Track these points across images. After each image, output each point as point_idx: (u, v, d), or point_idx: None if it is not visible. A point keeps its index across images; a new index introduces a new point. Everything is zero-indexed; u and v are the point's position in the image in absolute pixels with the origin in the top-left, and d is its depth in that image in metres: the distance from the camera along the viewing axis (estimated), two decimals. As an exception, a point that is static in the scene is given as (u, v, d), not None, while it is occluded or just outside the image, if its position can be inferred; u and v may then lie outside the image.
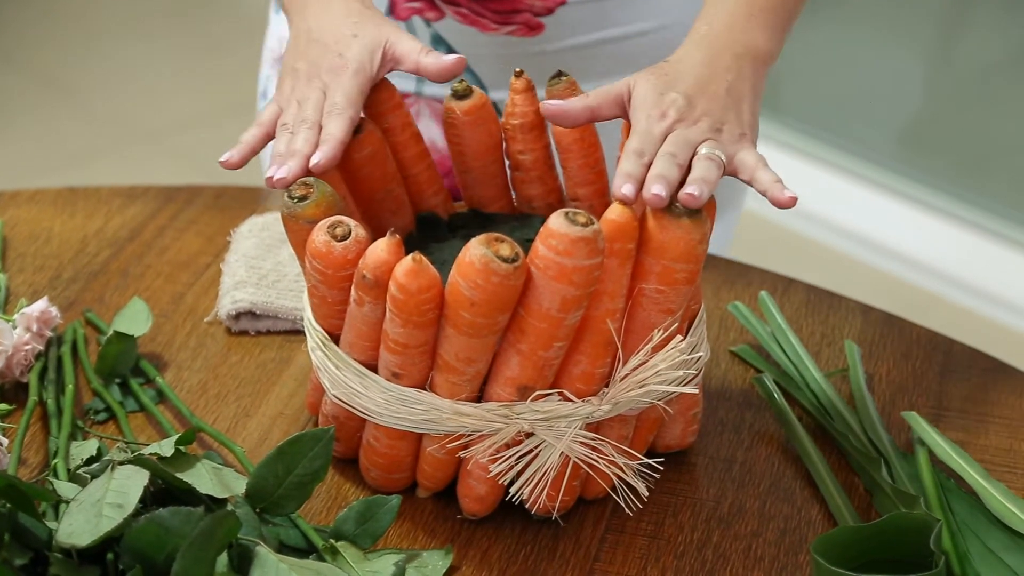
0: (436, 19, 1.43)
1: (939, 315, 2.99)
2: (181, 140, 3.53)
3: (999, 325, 2.99)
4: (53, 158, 3.51)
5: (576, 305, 1.06)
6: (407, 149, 1.26)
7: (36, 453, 1.24)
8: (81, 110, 3.68)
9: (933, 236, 3.13)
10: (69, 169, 3.46)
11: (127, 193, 1.58)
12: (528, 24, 1.42)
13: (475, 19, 1.41)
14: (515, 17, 1.41)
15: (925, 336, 1.38)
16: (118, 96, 3.73)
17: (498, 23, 1.42)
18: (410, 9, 1.43)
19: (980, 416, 1.29)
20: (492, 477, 1.14)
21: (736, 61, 1.16)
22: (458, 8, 1.41)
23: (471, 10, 1.41)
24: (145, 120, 3.62)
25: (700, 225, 1.08)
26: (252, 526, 1.09)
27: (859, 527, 1.08)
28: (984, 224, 3.11)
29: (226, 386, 1.32)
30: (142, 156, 3.50)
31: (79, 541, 1.05)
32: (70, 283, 1.44)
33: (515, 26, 1.42)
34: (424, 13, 1.43)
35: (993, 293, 3.05)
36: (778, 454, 1.25)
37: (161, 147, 3.52)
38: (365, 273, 1.09)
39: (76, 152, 3.52)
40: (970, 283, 3.07)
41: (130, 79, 3.78)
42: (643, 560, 1.15)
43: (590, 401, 1.12)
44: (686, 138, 1.12)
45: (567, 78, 1.24)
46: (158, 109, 3.64)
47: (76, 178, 3.37)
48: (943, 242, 3.12)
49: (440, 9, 1.42)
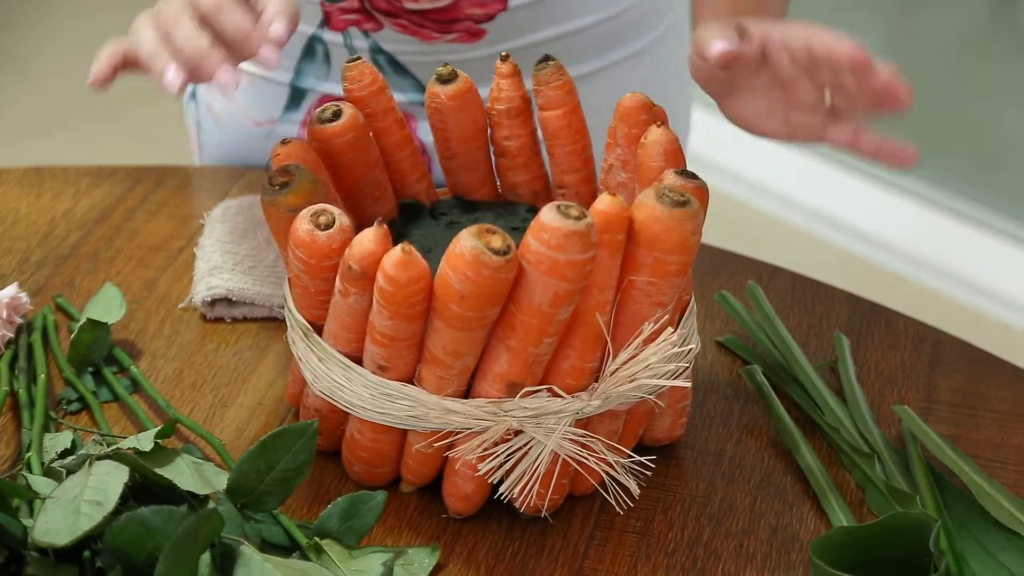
0: (374, 30, 1.40)
1: (913, 299, 2.98)
2: (135, 116, 3.48)
3: (980, 313, 2.98)
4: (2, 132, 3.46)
5: (568, 300, 1.04)
6: (390, 135, 1.23)
7: (7, 445, 1.20)
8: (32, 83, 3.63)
9: (903, 219, 3.11)
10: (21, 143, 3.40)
11: (96, 173, 1.54)
12: (469, 31, 1.39)
13: (415, 29, 1.39)
14: (455, 26, 1.39)
15: (913, 327, 1.36)
16: (70, 70, 3.67)
17: (439, 31, 1.39)
18: (346, 21, 1.40)
19: (970, 410, 1.27)
20: (479, 476, 1.11)
21: None
22: (397, 19, 1.38)
23: (411, 21, 1.38)
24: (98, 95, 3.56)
25: (693, 216, 1.06)
26: (235, 524, 1.06)
27: (856, 527, 1.06)
28: (951, 206, 3.10)
29: (202, 375, 1.29)
30: (96, 133, 3.44)
31: (57, 540, 1.02)
32: (39, 267, 1.40)
33: (456, 34, 1.39)
34: (361, 25, 1.40)
35: (974, 280, 3.04)
36: (768, 448, 1.23)
37: (116, 123, 3.47)
38: (351, 264, 1.06)
39: (28, 127, 3.46)
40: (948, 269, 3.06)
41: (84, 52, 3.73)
42: (633, 558, 1.13)
43: (580, 397, 1.09)
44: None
45: (554, 62, 1.21)
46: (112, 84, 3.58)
47: (29, 153, 3.32)
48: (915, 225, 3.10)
49: (378, 20, 1.39)
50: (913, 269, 3.08)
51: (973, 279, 3.04)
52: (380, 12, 1.38)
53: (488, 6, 1.37)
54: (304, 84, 1.46)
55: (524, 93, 1.23)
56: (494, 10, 1.38)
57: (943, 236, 3.08)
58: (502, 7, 1.38)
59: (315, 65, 1.45)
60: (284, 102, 1.48)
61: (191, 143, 1.63)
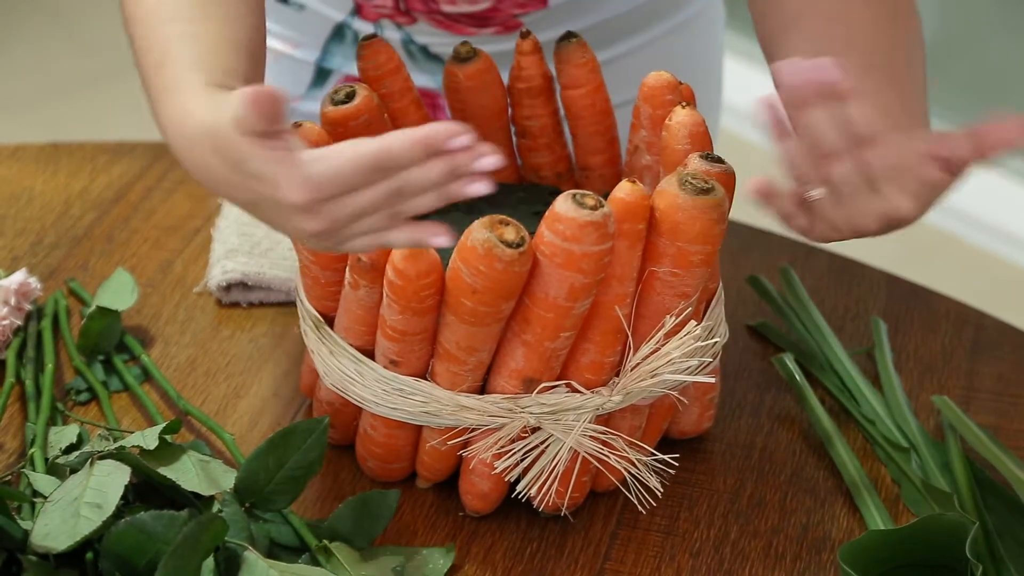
0: (408, 23, 1.35)
1: (955, 256, 2.91)
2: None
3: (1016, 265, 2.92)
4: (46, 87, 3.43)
5: (585, 293, 0.99)
6: (406, 116, 1.18)
7: (14, 438, 1.17)
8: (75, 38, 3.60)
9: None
10: (63, 99, 3.38)
11: (114, 149, 1.50)
12: (505, 25, 1.34)
13: (450, 24, 1.34)
14: (491, 21, 1.34)
15: (955, 310, 1.31)
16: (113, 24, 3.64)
17: (475, 26, 1.34)
18: (379, 13, 1.35)
19: (1014, 398, 1.22)
20: (496, 473, 1.07)
21: None
22: (432, 16, 1.33)
23: (447, 17, 1.33)
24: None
25: (718, 204, 1.01)
26: (240, 526, 1.03)
27: (888, 531, 1.02)
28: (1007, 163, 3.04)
29: (216, 363, 1.25)
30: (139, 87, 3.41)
31: (55, 544, 0.99)
32: (52, 249, 1.37)
33: (492, 28, 1.34)
34: (395, 18, 1.34)
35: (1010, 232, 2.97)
36: (799, 440, 1.18)
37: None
38: (361, 256, 1.01)
39: (70, 82, 3.44)
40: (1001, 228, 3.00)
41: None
42: (657, 559, 1.08)
43: (600, 392, 1.05)
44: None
45: (577, 39, 1.17)
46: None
47: (70, 110, 3.29)
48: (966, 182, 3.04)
49: (411, 15, 1.34)
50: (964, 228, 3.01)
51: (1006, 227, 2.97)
52: (415, 11, 1.33)
53: (527, 7, 1.32)
54: (330, 64, 1.41)
55: (546, 71, 1.18)
56: (535, 8, 1.34)
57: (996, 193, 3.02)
58: (542, 6, 1.33)
59: (343, 47, 1.40)
60: (309, 80, 1.43)
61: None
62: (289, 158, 0.90)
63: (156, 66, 1.03)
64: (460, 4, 1.32)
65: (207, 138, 0.94)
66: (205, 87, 0.98)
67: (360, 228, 0.92)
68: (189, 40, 1.03)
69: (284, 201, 0.91)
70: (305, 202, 0.90)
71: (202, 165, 0.96)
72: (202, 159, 0.95)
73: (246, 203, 0.96)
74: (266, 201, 0.93)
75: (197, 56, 1.01)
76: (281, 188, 0.91)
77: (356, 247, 0.94)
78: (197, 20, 1.04)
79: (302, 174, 0.90)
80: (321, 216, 0.91)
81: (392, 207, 0.91)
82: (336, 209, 0.91)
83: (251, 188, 0.93)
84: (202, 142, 0.95)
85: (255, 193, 0.93)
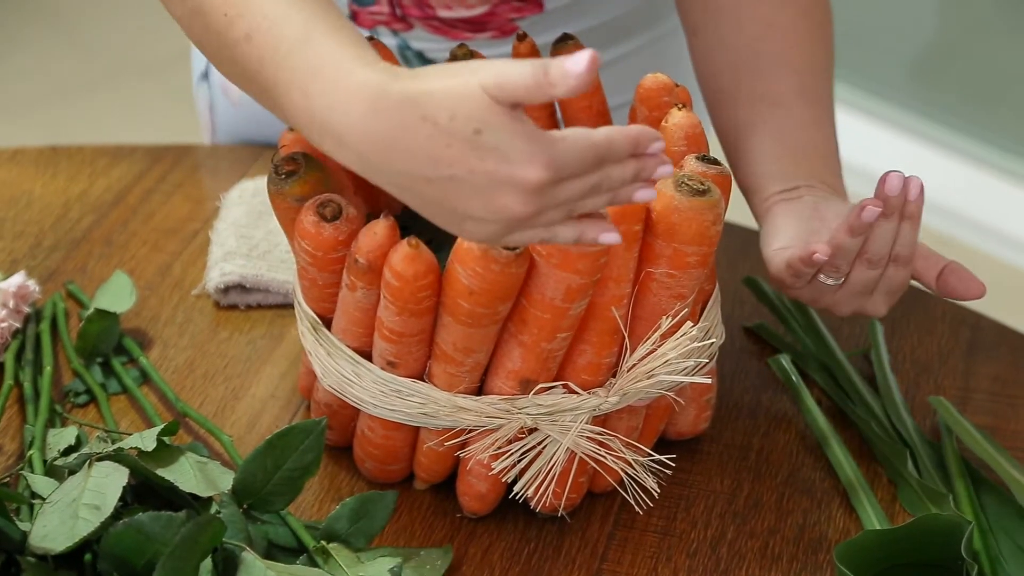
0: (404, 30, 1.35)
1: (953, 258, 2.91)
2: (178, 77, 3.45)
3: (1013, 266, 2.92)
4: (45, 90, 3.43)
5: (581, 294, 0.99)
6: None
7: (12, 440, 1.17)
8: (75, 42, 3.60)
9: (946, 175, 3.05)
10: (62, 101, 3.38)
11: (112, 153, 1.50)
12: (502, 29, 1.34)
13: (447, 30, 1.34)
14: (487, 26, 1.34)
15: (951, 311, 1.31)
16: (113, 29, 3.65)
17: (472, 31, 1.34)
18: (374, 20, 1.35)
19: (1010, 399, 1.22)
20: (493, 474, 1.07)
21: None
22: (428, 21, 1.33)
23: (443, 22, 1.33)
24: (139, 53, 3.54)
25: (713, 205, 1.01)
26: (238, 527, 1.03)
27: (884, 531, 1.02)
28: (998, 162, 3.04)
29: (214, 365, 1.25)
30: (138, 90, 3.42)
31: (53, 545, 0.99)
32: (51, 251, 1.37)
33: (489, 33, 1.34)
34: (391, 24, 1.35)
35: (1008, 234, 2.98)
36: (796, 441, 1.19)
37: (156, 81, 3.44)
38: (358, 257, 1.02)
39: (70, 85, 3.44)
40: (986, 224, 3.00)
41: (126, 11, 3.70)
42: (654, 559, 1.09)
43: (596, 393, 1.05)
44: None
45: (573, 41, 1.17)
46: (152, 42, 3.55)
47: (69, 112, 3.29)
48: (956, 181, 3.04)
49: (408, 22, 1.34)
50: (962, 230, 3.01)
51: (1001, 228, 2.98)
52: (411, 17, 1.33)
53: (524, 10, 1.33)
54: None
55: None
56: (529, 13, 1.34)
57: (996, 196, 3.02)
58: (538, 10, 1.33)
59: None
60: None
61: (202, 126, 1.59)
62: (541, 135, 0.87)
63: (288, 47, 0.96)
64: (456, 9, 1.33)
65: (413, 107, 0.88)
66: (375, 60, 0.93)
67: (555, 217, 0.90)
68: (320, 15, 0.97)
69: (519, 177, 0.86)
70: (542, 180, 0.86)
71: (392, 139, 0.89)
72: (400, 131, 0.88)
73: (440, 181, 0.88)
74: (480, 179, 0.87)
75: (333, 26, 0.96)
76: (522, 164, 0.86)
77: (533, 238, 0.91)
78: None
79: (550, 151, 0.86)
80: (543, 199, 0.87)
81: (587, 199, 0.90)
82: (558, 193, 0.88)
83: (470, 163, 0.87)
84: (403, 111, 0.88)
85: (472, 169, 0.87)
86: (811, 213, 1.13)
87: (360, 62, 0.92)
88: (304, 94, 0.94)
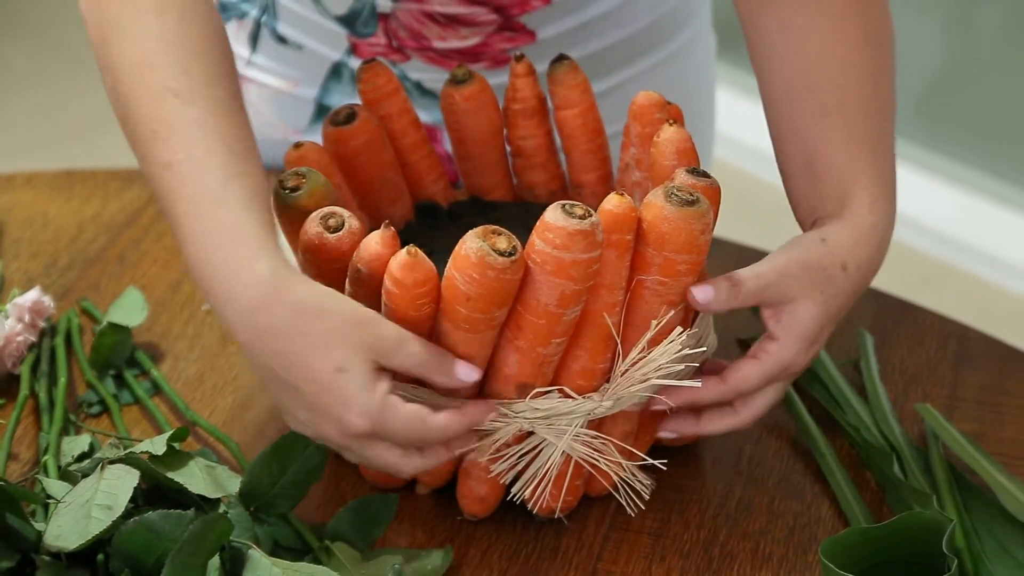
0: (401, 61, 1.40)
1: (952, 286, 2.94)
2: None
3: (1015, 296, 2.95)
4: (60, 128, 3.48)
5: (575, 300, 1.03)
6: (405, 136, 1.23)
7: (28, 448, 1.21)
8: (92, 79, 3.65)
9: (950, 206, 3.08)
10: (78, 137, 3.42)
11: (125, 176, 1.55)
12: (496, 59, 1.39)
13: (443, 61, 1.38)
14: (482, 56, 1.38)
15: (939, 323, 1.34)
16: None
17: (466, 62, 1.39)
18: (373, 51, 1.40)
19: (996, 407, 1.26)
20: (492, 477, 1.11)
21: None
22: (424, 52, 1.38)
23: (439, 54, 1.38)
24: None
25: (702, 215, 1.05)
26: (245, 527, 1.06)
27: (869, 528, 1.05)
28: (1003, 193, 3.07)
29: (223, 377, 1.29)
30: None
31: (67, 544, 1.03)
32: (66, 270, 1.41)
33: (483, 63, 1.39)
34: (388, 55, 1.39)
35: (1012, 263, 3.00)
36: (787, 447, 1.22)
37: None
38: (359, 267, 1.05)
39: (86, 121, 3.49)
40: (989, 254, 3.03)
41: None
42: (648, 560, 1.12)
43: (591, 397, 1.08)
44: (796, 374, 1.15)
45: (569, 61, 1.21)
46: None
47: (84, 148, 3.34)
48: (960, 212, 3.07)
49: (405, 53, 1.39)
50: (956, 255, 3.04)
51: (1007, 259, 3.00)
52: (408, 48, 1.38)
53: (517, 40, 1.37)
54: (330, 101, 1.46)
55: (539, 93, 1.22)
56: (523, 42, 1.38)
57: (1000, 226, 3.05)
58: (530, 40, 1.37)
59: (341, 85, 1.45)
60: (310, 116, 1.48)
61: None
62: (393, 402, 1.01)
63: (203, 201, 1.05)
64: (450, 40, 1.37)
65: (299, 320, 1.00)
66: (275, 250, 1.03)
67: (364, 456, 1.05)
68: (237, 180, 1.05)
69: (345, 420, 1.01)
70: (361, 431, 1.01)
71: (270, 337, 1.01)
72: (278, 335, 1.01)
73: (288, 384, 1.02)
74: (318, 403, 1.01)
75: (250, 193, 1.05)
76: (354, 413, 1.01)
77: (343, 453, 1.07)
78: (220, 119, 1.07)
79: (383, 415, 1.01)
80: (357, 442, 1.04)
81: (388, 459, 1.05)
82: (370, 446, 1.04)
83: (318, 390, 1.01)
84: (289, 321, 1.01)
85: (316, 393, 1.01)
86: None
87: (262, 250, 1.02)
88: (206, 256, 1.03)
